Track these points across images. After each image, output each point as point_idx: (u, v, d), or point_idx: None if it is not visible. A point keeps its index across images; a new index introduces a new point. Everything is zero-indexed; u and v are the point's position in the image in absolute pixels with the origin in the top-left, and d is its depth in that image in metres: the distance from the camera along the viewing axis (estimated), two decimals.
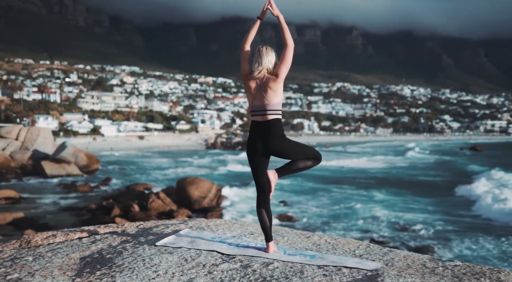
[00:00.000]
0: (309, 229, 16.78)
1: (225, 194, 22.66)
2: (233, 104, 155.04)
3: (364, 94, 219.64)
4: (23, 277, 2.21)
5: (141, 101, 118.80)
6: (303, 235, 3.24)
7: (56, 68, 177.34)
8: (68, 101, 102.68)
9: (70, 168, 31.93)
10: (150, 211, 18.50)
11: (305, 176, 33.58)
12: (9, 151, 34.51)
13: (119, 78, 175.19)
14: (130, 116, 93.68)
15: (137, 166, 40.52)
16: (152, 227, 3.32)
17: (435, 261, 2.54)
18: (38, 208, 20.53)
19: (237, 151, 66.87)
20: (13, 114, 73.05)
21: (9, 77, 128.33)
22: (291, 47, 2.84)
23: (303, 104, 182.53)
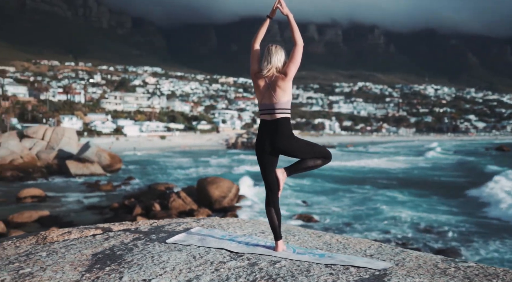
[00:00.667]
0: (330, 229, 16.70)
1: (244, 194, 22.74)
2: (253, 104, 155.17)
3: (386, 93, 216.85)
4: (34, 272, 2.26)
5: (163, 102, 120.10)
6: (314, 235, 3.24)
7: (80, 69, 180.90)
8: (92, 102, 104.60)
9: (93, 168, 32.54)
10: (171, 210, 18.71)
11: (326, 176, 33.39)
12: (36, 151, 35.40)
13: (142, 78, 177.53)
14: (152, 116, 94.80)
15: (159, 166, 41.00)
16: (165, 225, 3.36)
17: (447, 262, 2.52)
18: (63, 206, 21.00)
19: None
20: (40, 114, 74.87)
21: (36, 78, 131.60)
22: (300, 46, 2.87)
23: (324, 104, 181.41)
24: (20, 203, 21.41)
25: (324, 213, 19.77)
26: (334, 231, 16.36)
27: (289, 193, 25.03)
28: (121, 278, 2.17)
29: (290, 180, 30.94)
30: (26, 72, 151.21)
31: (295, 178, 32.30)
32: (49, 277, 2.17)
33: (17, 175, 29.71)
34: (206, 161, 46.79)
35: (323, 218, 18.74)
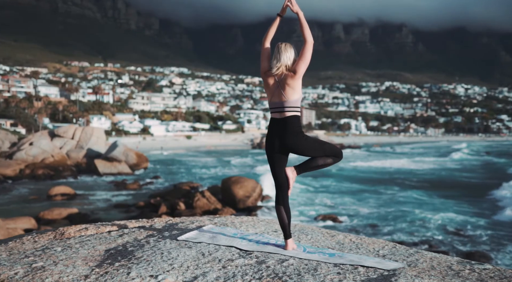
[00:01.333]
0: (354, 230, 16.53)
1: (268, 194, 22.74)
2: None
3: (414, 93, 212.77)
4: (46, 266, 2.31)
5: (189, 102, 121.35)
6: (328, 234, 3.21)
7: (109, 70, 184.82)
8: (120, 102, 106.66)
9: (121, 167, 33.17)
10: (196, 209, 18.89)
11: (352, 177, 33.06)
12: (66, 150, 36.35)
13: (168, 79, 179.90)
14: (178, 116, 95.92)
15: (184, 165, 41.45)
16: (178, 223, 3.39)
17: (463, 264, 2.46)
18: (91, 204, 21.49)
19: None
20: (70, 114, 76.87)
21: (67, 79, 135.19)
22: (310, 43, 2.82)
23: (350, 104, 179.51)
24: (51, 200, 22.03)
25: (349, 214, 19.57)
26: (359, 233, 16.19)
27: (314, 194, 24.90)
28: (128, 274, 2.19)
29: (315, 180, 30.75)
30: (58, 73, 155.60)
31: (321, 179, 32.09)
32: (60, 271, 2.21)
33: (48, 173, 30.56)
34: (231, 161, 47.02)
35: (348, 219, 18.56)
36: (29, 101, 78.09)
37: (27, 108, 71.79)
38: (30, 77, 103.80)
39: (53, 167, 31.99)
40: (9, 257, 2.51)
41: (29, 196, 23.37)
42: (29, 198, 22.77)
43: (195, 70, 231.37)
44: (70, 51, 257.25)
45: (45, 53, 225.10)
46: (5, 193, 24.51)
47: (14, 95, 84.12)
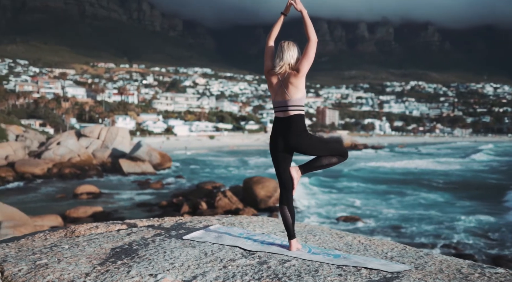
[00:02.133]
0: (376, 232, 16.33)
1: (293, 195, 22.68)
2: None
3: (441, 93, 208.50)
4: (50, 263, 2.34)
5: (212, 102, 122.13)
6: (336, 235, 3.17)
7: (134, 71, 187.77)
8: (144, 102, 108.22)
9: (144, 166, 33.64)
10: (217, 209, 19.00)
11: (376, 178, 32.66)
12: (92, 149, 37.10)
13: (192, 79, 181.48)
14: (202, 116, 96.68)
15: (207, 165, 41.72)
16: (186, 222, 3.39)
17: (473, 267, 2.39)
18: (115, 203, 21.88)
19: None
20: (96, 114, 78.48)
21: (93, 80, 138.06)
22: (314, 42, 2.78)
23: (374, 104, 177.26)
24: (77, 199, 22.54)
25: (373, 215, 19.34)
26: (381, 234, 15.97)
27: (337, 195, 24.71)
28: (128, 272, 2.20)
29: (339, 181, 30.49)
30: (85, 75, 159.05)
31: (344, 179, 31.81)
32: (62, 269, 2.24)
33: (74, 172, 31.25)
34: (253, 161, 47.08)
35: (371, 220, 18.35)
36: (57, 102, 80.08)
37: (55, 109, 73.64)
38: (58, 78, 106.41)
39: (80, 166, 32.69)
40: (16, 254, 2.55)
41: (56, 194, 23.96)
42: (56, 196, 23.35)
43: (218, 70, 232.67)
44: (97, 52, 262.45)
45: (73, 55, 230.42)
46: (34, 192, 25.20)
47: (43, 96, 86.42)
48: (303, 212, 19.74)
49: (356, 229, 16.70)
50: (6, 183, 27.41)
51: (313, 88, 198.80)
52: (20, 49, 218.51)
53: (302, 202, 21.97)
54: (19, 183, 27.78)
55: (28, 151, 35.09)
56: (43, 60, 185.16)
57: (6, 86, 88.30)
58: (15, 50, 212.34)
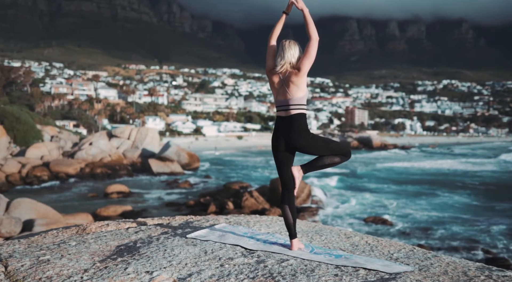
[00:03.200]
0: (404, 234, 16.02)
1: (317, 195, 22.55)
2: (331, 104, 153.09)
3: (475, 91, 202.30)
4: (52, 259, 2.39)
5: (240, 102, 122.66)
6: (344, 235, 3.13)
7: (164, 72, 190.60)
8: (174, 103, 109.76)
9: (173, 166, 34.12)
10: (244, 209, 19.08)
11: (406, 178, 32.04)
12: (122, 150, 37.89)
13: (221, 80, 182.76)
14: (230, 116, 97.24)
15: (235, 165, 41.93)
16: (194, 221, 3.41)
17: (481, 270, 2.32)
18: (144, 202, 22.29)
19: None
20: (127, 115, 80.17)
21: (124, 82, 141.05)
22: (315, 40, 2.77)
23: (405, 103, 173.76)
24: (108, 198, 23.08)
25: (402, 216, 19.00)
26: (410, 236, 15.66)
27: (367, 195, 24.39)
28: (125, 269, 2.23)
29: (369, 182, 30.07)
30: (117, 76, 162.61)
31: (374, 180, 31.35)
32: (62, 265, 2.29)
33: (105, 172, 31.99)
34: None
35: (400, 221, 18.02)
36: (90, 103, 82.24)
37: (88, 110, 75.63)
38: (91, 81, 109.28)
39: (111, 166, 33.43)
40: (24, 250, 2.62)
41: (88, 193, 24.62)
42: (88, 195, 23.99)
43: (247, 71, 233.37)
44: (128, 54, 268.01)
45: (105, 57, 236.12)
46: (67, 191, 25.97)
47: (77, 97, 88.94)
48: (331, 214, 19.57)
49: (384, 232, 16.44)
50: (42, 182, 28.33)
51: (342, 88, 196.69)
52: (56, 52, 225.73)
53: (329, 203, 21.79)
54: (54, 182, 28.67)
55: (62, 151, 36.16)
56: (77, 62, 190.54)
57: (42, 88, 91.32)
58: (51, 53, 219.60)
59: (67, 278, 2.10)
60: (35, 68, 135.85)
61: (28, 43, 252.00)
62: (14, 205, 14.90)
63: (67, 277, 2.12)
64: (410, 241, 14.94)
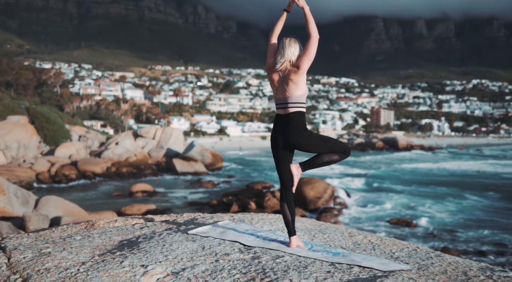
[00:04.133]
0: (428, 237, 15.71)
1: (341, 196, 22.34)
2: (356, 105, 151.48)
3: (506, 91, 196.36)
4: (53, 252, 2.45)
5: (265, 103, 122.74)
6: (348, 234, 3.10)
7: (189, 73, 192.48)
8: (198, 104, 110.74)
9: (197, 166, 34.43)
10: (266, 209, 19.10)
11: (433, 180, 31.41)
12: (147, 149, 38.48)
13: (245, 80, 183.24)
14: (254, 117, 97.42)
15: (258, 165, 41.99)
16: (199, 218, 3.43)
17: (483, 270, 2.26)
18: (168, 201, 22.57)
19: (358, 152, 65.19)
20: (152, 116, 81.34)
21: (150, 83, 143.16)
22: (315, 38, 2.76)
23: (432, 103, 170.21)
24: (132, 197, 23.48)
25: (428, 218, 18.63)
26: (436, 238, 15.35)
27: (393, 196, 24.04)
28: (121, 262, 2.28)
29: (396, 183, 29.60)
30: (143, 77, 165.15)
31: (400, 181, 30.86)
32: (62, 257, 2.35)
33: (131, 171, 32.55)
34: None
35: (425, 223, 17.69)
36: (117, 104, 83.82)
37: (115, 110, 77.10)
38: (118, 81, 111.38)
39: (136, 165, 33.99)
40: (30, 243, 2.69)
41: (113, 192, 25.10)
42: (113, 194, 24.46)
43: None
44: (154, 56, 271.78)
45: (132, 59, 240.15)
46: (93, 189, 26.55)
47: (104, 98, 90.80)
48: (354, 215, 19.37)
49: (408, 233, 16.16)
50: (70, 181, 29.04)
51: (368, 88, 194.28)
52: (85, 54, 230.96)
53: (353, 204, 21.58)
54: (81, 181, 29.36)
55: (90, 151, 36.99)
56: (105, 64, 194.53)
57: (72, 89, 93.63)
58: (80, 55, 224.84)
59: (64, 270, 2.15)
60: (65, 69, 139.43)
61: (58, 45, 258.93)
62: (42, 203, 15.36)
63: (65, 269, 2.17)
64: (435, 243, 14.65)
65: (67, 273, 2.10)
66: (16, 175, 27.59)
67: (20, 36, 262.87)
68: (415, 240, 15.02)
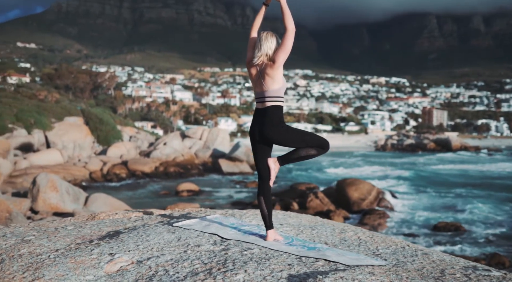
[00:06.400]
0: (479, 242, 14.97)
1: (387, 198, 21.75)
2: (407, 105, 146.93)
3: None
4: (34, 239, 2.53)
5: (312, 103, 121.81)
6: (337, 230, 3.01)
7: (237, 74, 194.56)
8: (245, 105, 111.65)
9: (242, 166, 34.76)
10: (308, 210, 18.94)
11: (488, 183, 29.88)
12: (194, 150, 39.31)
13: (293, 81, 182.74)
14: (301, 117, 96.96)
15: (303, 166, 41.75)
16: (193, 213, 3.45)
17: (464, 269, 2.13)
18: (212, 201, 22.94)
19: (407, 154, 63.22)
20: (200, 117, 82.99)
21: (199, 84, 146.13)
22: (291, 31, 2.74)
23: (490, 103, 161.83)
24: (178, 196, 24.08)
25: (480, 223, 17.76)
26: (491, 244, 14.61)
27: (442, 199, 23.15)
28: (92, 250, 2.33)
29: (445, 185, 28.46)
30: (192, 79, 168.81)
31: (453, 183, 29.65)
32: (39, 244, 2.42)
33: (178, 171, 33.36)
34: (351, 162, 46.04)
35: (477, 228, 16.87)
36: (167, 105, 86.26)
37: (165, 112, 79.34)
38: (169, 83, 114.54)
39: (183, 165, 34.79)
40: (22, 231, 2.78)
41: (160, 191, 25.84)
42: (160, 193, 25.19)
43: (319, 71, 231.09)
44: (203, 58, 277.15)
45: (182, 61, 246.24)
46: (142, 188, 27.46)
47: (155, 99, 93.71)
48: (399, 218, 18.81)
49: (455, 237, 15.50)
50: (120, 179, 30.20)
51: (419, 88, 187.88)
52: (138, 57, 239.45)
53: (399, 206, 20.98)
54: (130, 180, 30.45)
55: (139, 151, 38.30)
56: (156, 66, 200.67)
57: (125, 91, 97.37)
58: (133, 58, 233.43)
59: (36, 256, 2.23)
60: (119, 72, 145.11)
61: (113, 50, 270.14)
62: (91, 200, 16.12)
63: (36, 255, 2.26)
64: (486, 249, 13.96)
65: (36, 259, 2.19)
66: (72, 173, 29.03)
67: (79, 42, 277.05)
68: (464, 245, 14.39)
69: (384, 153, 65.14)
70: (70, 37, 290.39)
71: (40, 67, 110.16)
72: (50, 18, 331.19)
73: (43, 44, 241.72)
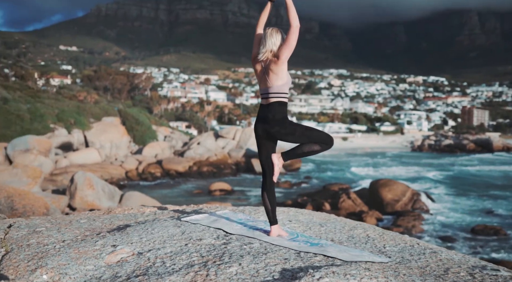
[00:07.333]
0: None
1: (422, 200, 21.21)
2: (445, 104, 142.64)
3: None
4: (45, 230, 2.60)
5: (346, 103, 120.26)
6: (347, 227, 2.94)
7: None
8: None
9: None
10: (340, 210, 18.75)
11: None
12: (227, 150, 39.63)
13: (327, 81, 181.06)
14: (335, 117, 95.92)
15: (337, 167, 41.30)
16: (204, 208, 3.44)
17: (472, 268, 2.04)
18: (244, 200, 23.06)
19: (445, 154, 61.39)
20: (234, 117, 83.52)
21: (233, 85, 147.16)
22: (295, 27, 2.72)
23: None
24: (211, 195, 24.36)
25: None
26: None
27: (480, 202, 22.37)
28: (96, 242, 2.37)
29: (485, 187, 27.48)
30: (226, 80, 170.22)
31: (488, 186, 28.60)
32: (48, 235, 2.48)
33: (211, 170, 33.73)
34: (386, 163, 45.13)
35: None
36: (201, 106, 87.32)
37: (199, 112, 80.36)
38: (203, 84, 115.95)
39: (216, 165, 35.14)
40: (36, 223, 2.85)
41: (193, 190, 26.21)
42: (193, 192, 25.55)
43: (354, 71, 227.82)
44: (238, 58, 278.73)
45: (217, 62, 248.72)
46: (176, 187, 27.94)
47: (189, 100, 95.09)
48: (435, 220, 18.31)
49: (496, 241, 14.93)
50: (155, 178, 30.84)
51: (459, 87, 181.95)
52: (173, 58, 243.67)
53: (435, 208, 20.42)
54: (165, 179, 31.03)
55: (174, 150, 38.98)
56: (191, 67, 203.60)
57: (160, 92, 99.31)
58: (169, 59, 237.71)
59: (43, 246, 2.30)
60: (155, 73, 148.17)
61: (150, 51, 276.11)
62: (126, 197, 16.55)
63: (43, 245, 2.32)
64: None
65: (43, 249, 2.27)
66: (109, 172, 29.89)
67: (117, 44, 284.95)
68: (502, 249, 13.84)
69: (421, 154, 63.51)
70: (109, 39, 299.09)
71: (81, 69, 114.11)
72: (90, 22, 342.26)
73: (84, 47, 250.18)
